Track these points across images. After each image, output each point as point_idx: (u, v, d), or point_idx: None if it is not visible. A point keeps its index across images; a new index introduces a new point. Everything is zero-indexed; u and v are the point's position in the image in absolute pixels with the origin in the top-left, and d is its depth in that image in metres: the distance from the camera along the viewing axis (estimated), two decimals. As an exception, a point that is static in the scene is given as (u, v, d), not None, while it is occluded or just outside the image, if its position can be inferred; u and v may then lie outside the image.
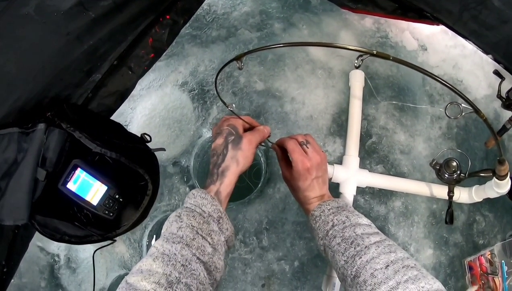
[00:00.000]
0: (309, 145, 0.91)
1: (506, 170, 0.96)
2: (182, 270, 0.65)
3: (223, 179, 0.81)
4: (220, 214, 0.77)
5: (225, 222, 0.78)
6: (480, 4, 0.93)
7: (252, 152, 0.85)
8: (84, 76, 1.00)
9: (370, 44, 1.50)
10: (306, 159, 0.88)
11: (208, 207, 0.76)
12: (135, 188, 0.96)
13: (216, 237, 0.74)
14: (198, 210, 0.75)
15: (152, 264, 0.65)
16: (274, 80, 1.47)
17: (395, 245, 0.74)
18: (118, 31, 0.97)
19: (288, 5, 1.55)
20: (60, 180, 0.90)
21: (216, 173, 0.82)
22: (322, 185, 0.91)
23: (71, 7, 0.80)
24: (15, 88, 0.82)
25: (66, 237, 0.94)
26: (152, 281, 0.62)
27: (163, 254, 0.67)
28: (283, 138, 0.95)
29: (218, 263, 0.74)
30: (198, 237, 0.71)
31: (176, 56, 1.51)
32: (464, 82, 1.44)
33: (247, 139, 0.84)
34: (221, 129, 0.87)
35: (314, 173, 0.89)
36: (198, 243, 0.70)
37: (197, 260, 0.69)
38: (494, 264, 1.21)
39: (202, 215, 0.75)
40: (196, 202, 0.76)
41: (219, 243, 0.75)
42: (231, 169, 0.81)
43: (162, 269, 0.64)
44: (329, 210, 0.84)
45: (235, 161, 0.82)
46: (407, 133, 1.43)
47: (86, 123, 0.93)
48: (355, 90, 1.37)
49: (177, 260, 0.66)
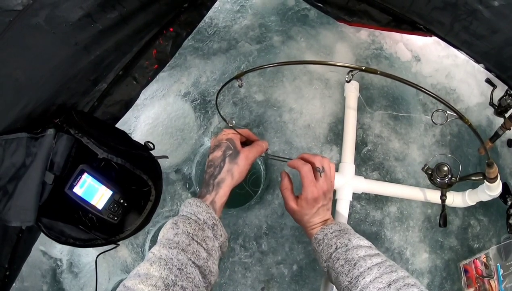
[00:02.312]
0: (323, 173, 0.91)
1: (495, 172, 0.99)
2: (178, 274, 0.68)
3: (218, 190, 0.84)
4: (214, 221, 0.80)
5: (219, 228, 0.80)
6: (471, 15, 0.96)
7: (247, 167, 0.88)
8: (91, 85, 1.03)
9: (366, 55, 1.55)
10: (315, 188, 0.89)
11: (203, 215, 0.79)
12: (139, 194, 0.98)
13: (210, 243, 0.77)
14: (194, 218, 0.78)
15: (149, 268, 0.68)
16: (273, 91, 1.51)
17: (396, 265, 0.77)
18: (124, 42, 1.00)
19: (287, 18, 1.60)
20: (66, 184, 0.92)
21: (212, 183, 0.85)
22: (326, 211, 0.94)
23: (80, 18, 0.83)
24: (24, 95, 0.84)
25: (71, 240, 0.95)
26: (149, 284, 0.65)
27: (160, 258, 0.70)
28: (298, 161, 0.94)
29: (212, 267, 0.76)
30: (194, 243, 0.74)
31: (178, 67, 1.55)
32: (457, 91, 1.48)
33: (244, 155, 0.87)
34: (220, 143, 0.90)
35: (321, 202, 0.91)
36: (193, 248, 0.73)
37: (193, 264, 0.72)
38: (489, 267, 1.23)
39: (197, 222, 0.78)
40: (192, 210, 0.79)
41: (213, 248, 0.78)
42: (226, 182, 0.85)
43: (159, 273, 0.67)
44: (331, 234, 0.86)
45: (230, 174, 0.85)
46: (402, 141, 1.46)
47: (93, 130, 0.95)
48: (350, 100, 1.41)
49: (174, 264, 0.69)
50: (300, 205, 0.91)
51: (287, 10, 1.61)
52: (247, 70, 0.78)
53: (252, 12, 1.60)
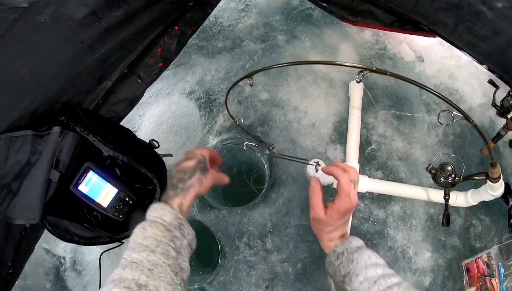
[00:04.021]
0: (356, 185, 0.90)
1: (499, 172, 1.00)
2: (150, 274, 0.71)
3: (186, 194, 0.86)
4: (180, 220, 0.82)
5: (185, 227, 0.83)
6: (474, 17, 0.96)
7: (211, 184, 0.91)
8: (95, 83, 1.03)
9: (369, 55, 1.55)
10: (350, 200, 0.87)
11: (168, 217, 0.81)
12: (144, 192, 0.99)
13: (178, 242, 0.80)
14: (160, 220, 0.80)
15: (122, 273, 0.71)
16: (278, 90, 1.52)
17: (411, 287, 0.79)
18: (129, 40, 1.01)
19: (291, 18, 1.60)
20: (72, 181, 0.92)
21: (181, 187, 0.88)
22: (346, 225, 0.93)
23: (85, 16, 0.83)
24: (28, 92, 0.85)
25: (75, 238, 0.96)
26: (122, 286, 0.67)
27: (132, 262, 0.73)
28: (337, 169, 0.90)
29: (183, 264, 0.78)
30: (162, 243, 0.77)
31: (183, 66, 1.55)
32: (460, 91, 1.48)
33: (212, 174, 0.91)
34: (194, 155, 0.93)
35: (349, 215, 0.90)
36: (162, 249, 0.76)
37: (163, 263, 0.74)
38: (491, 267, 1.23)
39: (163, 224, 0.80)
40: (157, 214, 0.81)
41: (182, 246, 0.80)
42: (195, 188, 0.88)
43: (131, 275, 0.70)
44: (351, 248, 0.86)
45: (199, 183, 0.88)
46: (405, 141, 1.47)
47: (98, 127, 0.95)
48: (354, 100, 1.41)
49: (144, 266, 0.72)
50: (329, 215, 0.89)
51: (291, 9, 1.61)
52: (259, 69, 0.79)
53: (257, 11, 1.61)
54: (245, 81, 0.95)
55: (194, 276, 1.52)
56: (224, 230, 1.43)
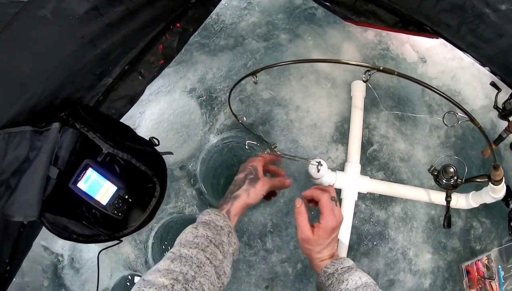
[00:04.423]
0: (337, 202, 0.93)
1: (501, 175, 0.99)
2: (197, 270, 0.73)
3: (233, 202, 0.92)
4: (230, 229, 0.87)
5: (233, 236, 0.87)
6: (478, 18, 0.96)
7: (262, 193, 0.95)
8: (96, 80, 1.03)
9: (372, 56, 1.54)
10: (335, 217, 0.90)
11: (220, 222, 0.85)
12: (143, 190, 0.98)
13: (226, 247, 0.83)
14: (212, 224, 0.84)
15: (170, 265, 0.73)
16: (280, 89, 1.51)
17: None
18: (130, 37, 1.00)
19: (294, 16, 1.59)
20: (71, 179, 0.92)
21: (229, 197, 0.93)
22: (335, 243, 0.95)
23: (87, 11, 0.82)
24: (28, 88, 0.84)
25: (74, 235, 0.95)
26: (170, 277, 0.69)
27: (181, 256, 0.75)
28: (315, 190, 0.94)
29: (226, 269, 0.82)
30: (211, 245, 0.80)
31: (185, 63, 1.55)
32: (462, 93, 1.48)
33: (262, 182, 0.94)
34: (245, 168, 0.98)
35: (336, 232, 0.93)
36: (211, 250, 0.79)
37: (210, 263, 0.77)
38: (491, 269, 1.23)
39: (215, 228, 0.84)
40: (211, 218, 0.86)
41: (228, 252, 0.84)
42: (242, 198, 0.92)
43: (180, 269, 0.72)
44: (342, 269, 0.88)
45: (246, 193, 0.92)
46: (407, 142, 1.46)
47: (98, 124, 0.94)
48: (357, 100, 1.40)
49: (193, 262, 0.74)
50: (317, 234, 0.90)
51: (294, 8, 1.60)
52: (264, 67, 0.79)
53: (259, 10, 1.60)
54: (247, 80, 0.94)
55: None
56: (224, 229, 1.42)
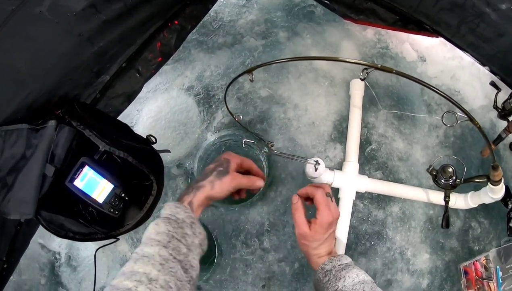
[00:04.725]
0: (333, 198, 0.93)
1: (500, 175, 0.99)
2: (161, 268, 0.72)
3: (196, 193, 0.89)
4: (192, 220, 0.84)
5: (197, 226, 0.85)
6: (478, 18, 0.95)
7: (228, 189, 0.91)
8: (93, 77, 1.02)
9: (371, 54, 1.54)
10: (331, 212, 0.90)
11: (181, 214, 0.83)
12: (140, 188, 0.98)
13: (190, 239, 0.81)
14: (173, 218, 0.82)
15: (133, 266, 0.72)
16: (278, 87, 1.50)
17: None
18: (128, 34, 1.00)
19: (293, 14, 1.59)
20: (67, 177, 0.91)
21: (193, 187, 0.90)
22: (332, 240, 0.95)
23: (84, 8, 0.82)
24: (25, 85, 0.84)
25: (70, 233, 0.95)
26: (133, 279, 0.69)
27: (143, 256, 0.74)
28: (309, 188, 0.95)
29: (193, 262, 0.80)
30: (174, 240, 0.78)
31: (182, 61, 1.54)
32: (462, 92, 1.47)
33: (231, 177, 0.91)
34: (218, 159, 0.96)
35: (333, 227, 0.93)
36: (173, 245, 0.77)
37: (174, 259, 0.76)
38: (489, 270, 1.23)
39: (176, 221, 0.82)
40: (172, 211, 0.83)
41: (193, 244, 0.82)
42: (205, 189, 0.89)
43: (143, 269, 0.71)
44: (339, 266, 0.88)
45: (211, 185, 0.89)
46: (406, 141, 1.46)
47: (95, 122, 0.94)
48: (355, 99, 1.40)
49: (156, 260, 0.73)
50: (313, 230, 0.91)
51: (293, 6, 1.60)
52: (260, 64, 0.78)
53: (258, 7, 1.59)
54: (245, 78, 0.94)
55: (190, 274, 1.51)
56: (221, 228, 1.42)
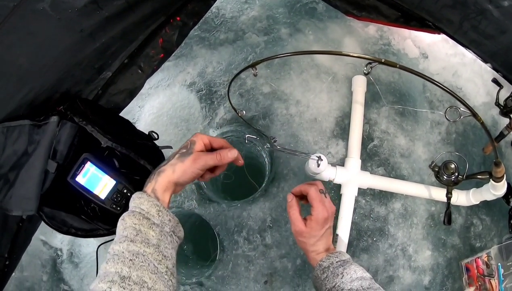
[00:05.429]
0: (327, 194, 0.93)
1: (502, 172, 0.99)
2: (131, 264, 0.70)
3: (157, 179, 0.83)
4: (158, 207, 0.80)
5: (164, 214, 0.80)
6: (480, 15, 0.95)
7: (193, 170, 0.84)
8: (95, 73, 1.02)
9: (373, 51, 1.53)
10: (325, 208, 0.90)
11: (145, 204, 0.79)
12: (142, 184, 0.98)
13: (158, 229, 0.78)
14: (138, 210, 0.79)
15: (105, 267, 0.71)
16: (280, 83, 1.50)
17: None
18: (130, 30, 1.00)
19: (295, 11, 1.59)
20: (69, 173, 0.91)
21: (154, 173, 0.85)
22: (329, 236, 0.95)
23: (86, 4, 0.81)
24: (27, 82, 0.84)
25: (72, 230, 0.96)
26: (107, 280, 0.67)
27: (114, 255, 0.72)
28: (303, 185, 0.95)
29: (165, 252, 0.77)
30: (141, 232, 0.76)
31: (184, 57, 1.54)
32: (464, 89, 1.47)
33: (194, 157, 0.84)
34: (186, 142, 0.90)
35: (329, 223, 0.92)
36: (141, 238, 0.75)
37: (144, 252, 0.73)
38: (490, 267, 1.23)
39: (141, 213, 0.78)
40: (135, 203, 0.80)
41: (162, 233, 0.79)
42: (167, 173, 0.83)
43: (114, 268, 0.70)
44: (337, 262, 0.88)
45: (172, 168, 0.83)
46: (408, 138, 1.45)
47: (97, 118, 0.94)
48: (357, 95, 1.40)
49: (125, 257, 0.71)
50: (309, 226, 0.91)
51: (295, 2, 1.59)
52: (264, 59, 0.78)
53: (260, 4, 1.59)
54: (247, 74, 0.93)
55: (192, 270, 1.52)
56: (223, 224, 1.42)
